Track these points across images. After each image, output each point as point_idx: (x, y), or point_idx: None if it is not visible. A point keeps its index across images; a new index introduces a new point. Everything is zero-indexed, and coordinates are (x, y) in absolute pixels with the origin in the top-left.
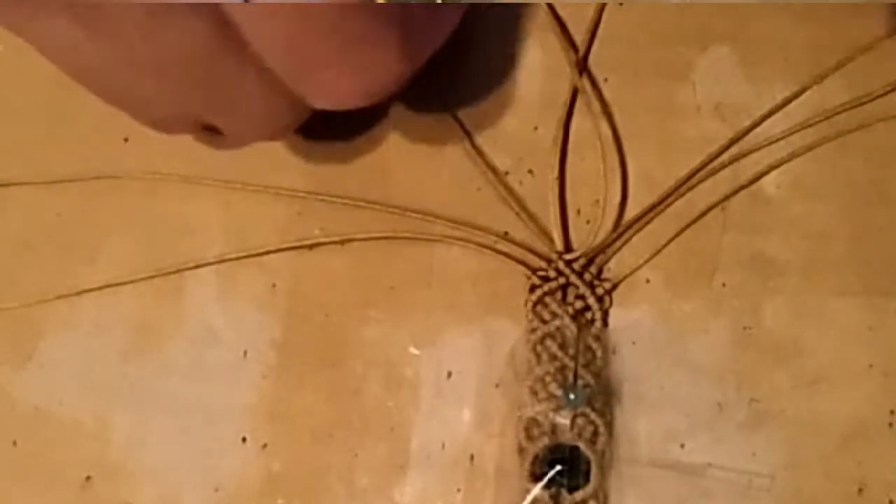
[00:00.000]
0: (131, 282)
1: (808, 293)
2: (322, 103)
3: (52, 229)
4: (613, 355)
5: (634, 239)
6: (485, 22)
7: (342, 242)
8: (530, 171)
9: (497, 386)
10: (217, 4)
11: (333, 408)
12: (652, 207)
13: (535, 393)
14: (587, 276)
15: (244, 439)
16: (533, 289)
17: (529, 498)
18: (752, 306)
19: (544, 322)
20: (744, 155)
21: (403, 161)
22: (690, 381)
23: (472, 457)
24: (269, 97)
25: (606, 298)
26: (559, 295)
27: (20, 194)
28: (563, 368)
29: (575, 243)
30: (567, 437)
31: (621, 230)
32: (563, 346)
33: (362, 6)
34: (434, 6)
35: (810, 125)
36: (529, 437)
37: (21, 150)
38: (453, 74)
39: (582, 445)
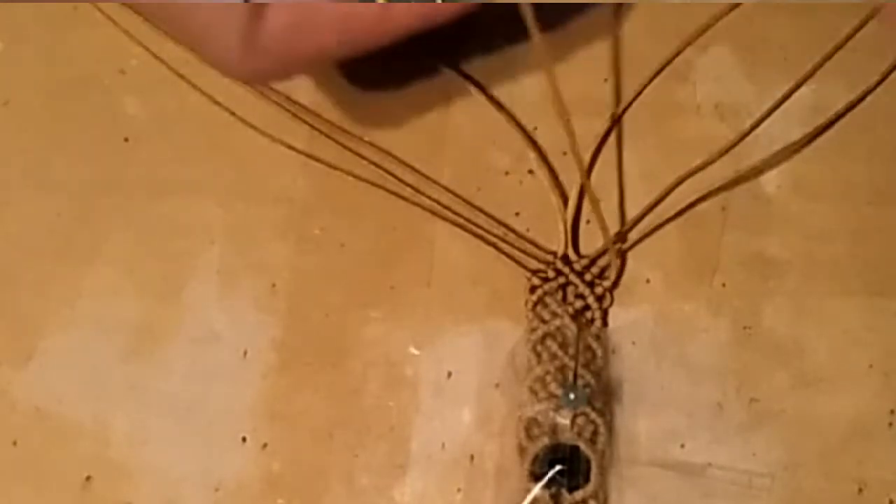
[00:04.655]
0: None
1: (808, 293)
2: None
3: (52, 229)
4: (613, 355)
5: (634, 239)
6: (485, 21)
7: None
8: (530, 171)
9: (497, 386)
10: None
11: (333, 408)
12: (652, 207)
13: (535, 393)
14: (587, 276)
15: (244, 439)
16: (533, 289)
17: (529, 498)
18: (752, 306)
19: (544, 322)
20: (744, 155)
21: (404, 161)
22: (690, 381)
23: (472, 457)
24: None
25: (606, 297)
26: (559, 295)
27: (20, 194)
28: (563, 368)
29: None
30: (567, 437)
31: (621, 230)
32: (563, 346)
33: None
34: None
35: (810, 125)
36: (529, 437)
37: (21, 149)
38: (452, 74)
39: (582, 445)
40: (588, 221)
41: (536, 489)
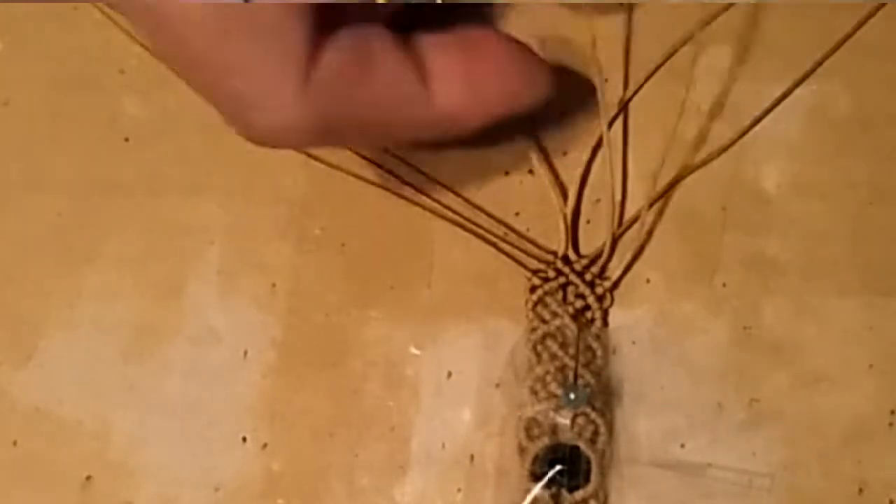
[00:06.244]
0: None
1: (808, 293)
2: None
3: (52, 229)
4: (613, 355)
5: (634, 239)
6: (484, 22)
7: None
8: (530, 171)
9: (497, 386)
10: None
11: (333, 408)
12: (651, 206)
13: (535, 392)
14: (588, 276)
15: (244, 439)
16: (533, 289)
17: (529, 498)
18: (752, 306)
19: (544, 322)
20: (744, 155)
21: (404, 161)
22: (690, 381)
23: (472, 457)
24: None
25: (607, 297)
26: (559, 295)
27: (20, 194)
28: (563, 368)
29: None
30: (567, 437)
31: (621, 230)
32: (563, 346)
33: None
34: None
35: (810, 125)
36: (529, 437)
37: (21, 149)
38: None
39: (582, 445)
40: (588, 221)
41: (536, 489)
